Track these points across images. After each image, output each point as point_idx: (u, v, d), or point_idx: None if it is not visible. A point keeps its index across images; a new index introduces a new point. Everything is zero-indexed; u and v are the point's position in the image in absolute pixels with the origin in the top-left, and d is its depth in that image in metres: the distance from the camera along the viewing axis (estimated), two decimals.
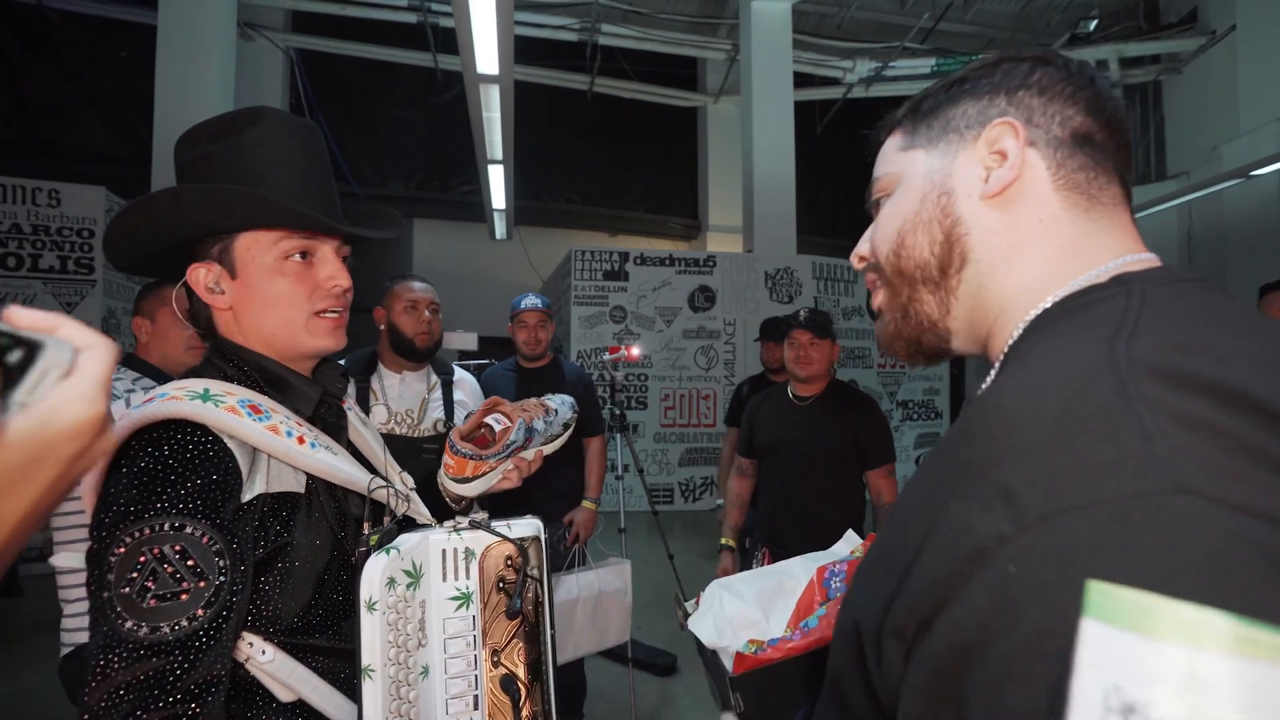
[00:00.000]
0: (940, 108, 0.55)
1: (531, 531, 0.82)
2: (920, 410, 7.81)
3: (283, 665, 0.70)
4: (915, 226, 0.54)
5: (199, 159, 0.75)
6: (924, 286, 0.54)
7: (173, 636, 0.60)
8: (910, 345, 0.56)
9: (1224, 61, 6.98)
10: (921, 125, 0.56)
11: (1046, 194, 0.50)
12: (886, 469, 2.28)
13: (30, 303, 4.50)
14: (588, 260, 6.46)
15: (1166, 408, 0.32)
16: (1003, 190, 0.50)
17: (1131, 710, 0.24)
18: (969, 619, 0.32)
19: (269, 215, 0.74)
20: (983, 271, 0.51)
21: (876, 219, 0.58)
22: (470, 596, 0.73)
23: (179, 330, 1.74)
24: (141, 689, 0.58)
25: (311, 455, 0.74)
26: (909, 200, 0.54)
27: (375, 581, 0.70)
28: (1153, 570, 0.28)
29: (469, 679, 0.72)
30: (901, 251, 0.54)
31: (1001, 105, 0.52)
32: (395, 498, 0.83)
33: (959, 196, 0.52)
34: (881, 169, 0.58)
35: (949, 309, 0.53)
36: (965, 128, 0.53)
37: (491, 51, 3.90)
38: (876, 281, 0.58)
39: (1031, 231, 0.50)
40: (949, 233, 0.52)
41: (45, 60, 6.64)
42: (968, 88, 0.54)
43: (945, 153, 0.53)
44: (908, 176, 0.55)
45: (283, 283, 0.77)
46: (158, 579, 0.60)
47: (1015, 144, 0.50)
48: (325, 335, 0.80)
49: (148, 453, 0.65)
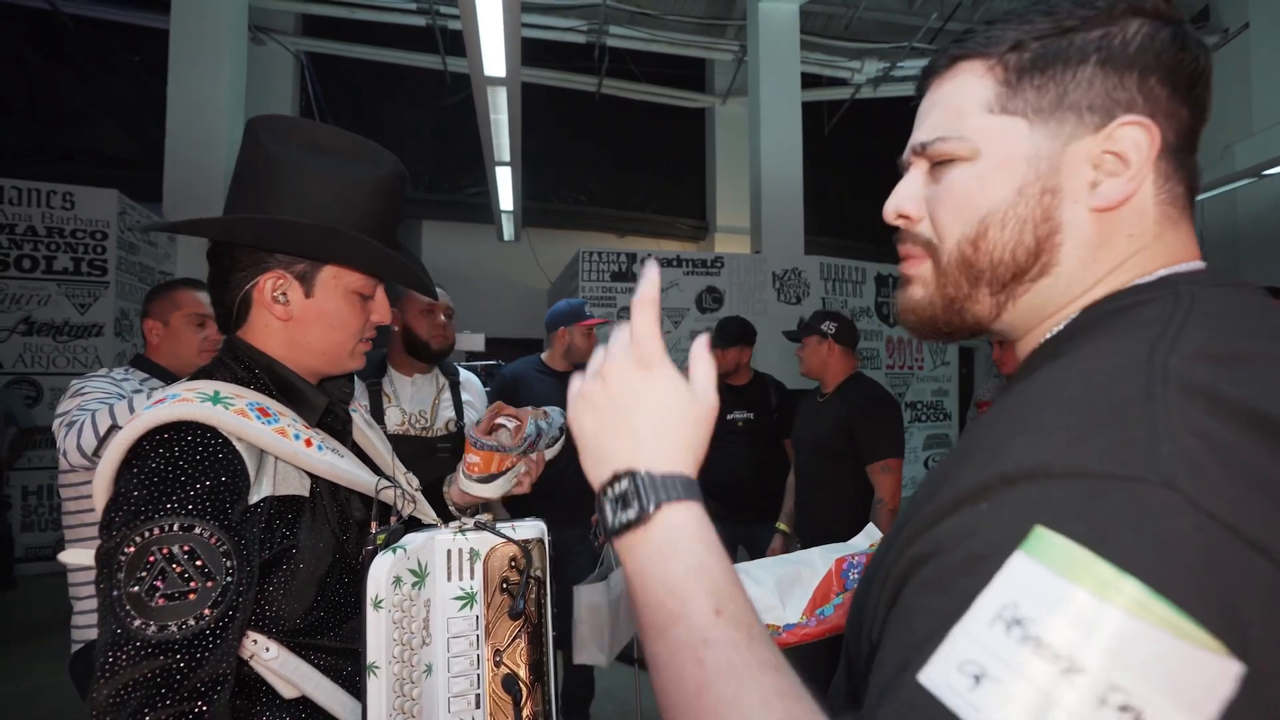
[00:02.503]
0: (1055, 65, 0.44)
1: (535, 533, 0.82)
2: (929, 411, 7.77)
3: (286, 662, 0.72)
4: (1005, 220, 0.45)
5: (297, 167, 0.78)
6: (986, 286, 0.47)
7: (180, 635, 0.61)
8: (934, 331, 0.51)
9: (1237, 60, 6.91)
10: (1027, 82, 0.45)
11: (1147, 208, 0.44)
12: (880, 465, 2.29)
13: (45, 304, 4.55)
14: (595, 261, 6.47)
15: (1185, 417, 0.33)
16: (1117, 205, 0.44)
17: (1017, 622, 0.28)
18: (930, 541, 0.35)
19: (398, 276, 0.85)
20: (1059, 284, 0.46)
21: (941, 183, 0.48)
22: (474, 596, 0.74)
23: (193, 334, 1.76)
24: (148, 686, 0.59)
25: (319, 457, 0.75)
26: (1003, 185, 0.45)
27: (382, 580, 0.71)
28: (1099, 535, 0.30)
29: (471, 678, 0.73)
30: (981, 243, 0.46)
31: (1132, 90, 0.43)
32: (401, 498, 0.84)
33: (1066, 198, 0.44)
34: (956, 124, 0.47)
35: (1001, 312, 0.48)
36: (1088, 109, 0.44)
37: (499, 54, 3.92)
38: (920, 255, 0.51)
39: (1118, 248, 0.45)
40: (1044, 239, 0.45)
41: (60, 65, 6.72)
42: (1096, 44, 0.44)
43: (1056, 135, 0.44)
44: (1002, 151, 0.46)
45: (349, 312, 0.84)
46: (166, 578, 0.62)
47: (1145, 152, 0.43)
48: (360, 359, 0.88)
49: (159, 454, 0.66)
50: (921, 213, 0.51)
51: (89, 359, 4.61)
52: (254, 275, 0.80)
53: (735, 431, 2.91)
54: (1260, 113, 6.59)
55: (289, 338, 0.82)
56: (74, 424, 1.45)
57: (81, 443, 1.44)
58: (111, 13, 6.66)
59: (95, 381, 1.58)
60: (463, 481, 0.96)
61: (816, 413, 2.50)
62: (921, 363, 7.72)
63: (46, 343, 4.58)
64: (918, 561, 0.36)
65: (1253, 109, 6.68)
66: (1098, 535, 0.30)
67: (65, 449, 1.45)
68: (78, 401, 1.51)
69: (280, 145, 0.78)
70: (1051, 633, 0.27)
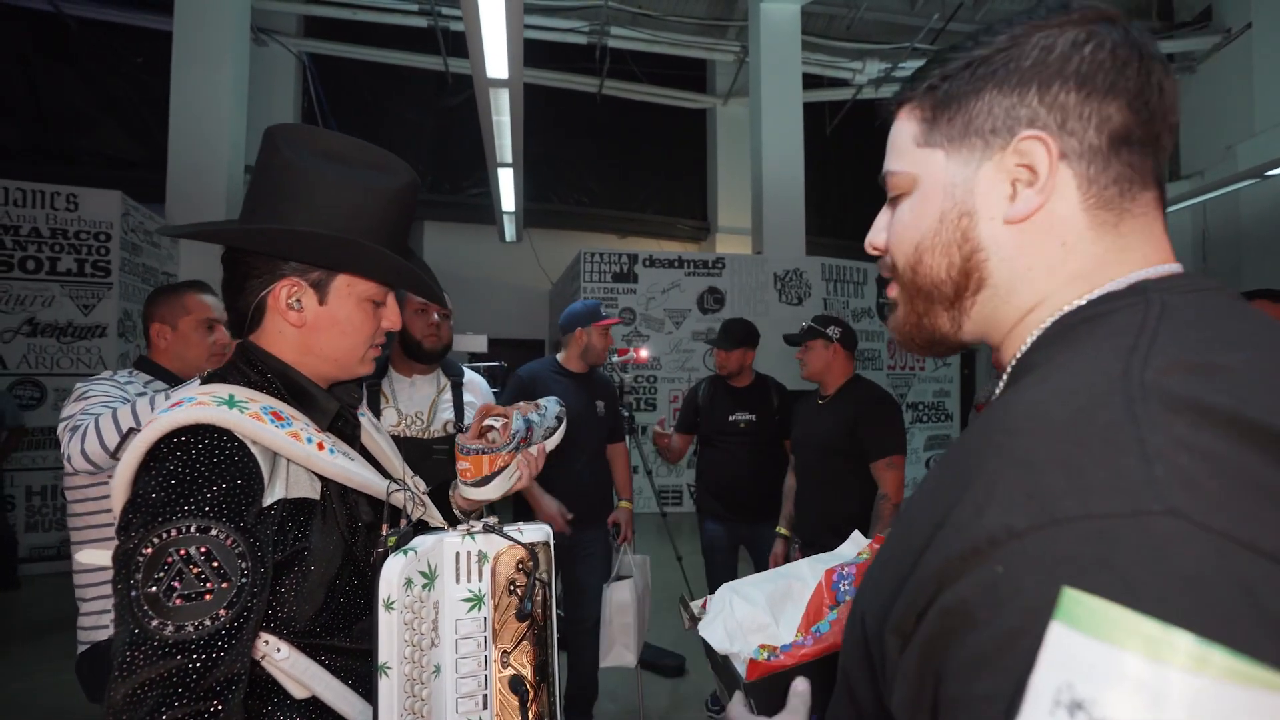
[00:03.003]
0: (962, 96, 0.48)
1: (541, 536, 0.83)
2: (930, 412, 7.77)
3: (297, 663, 0.73)
4: (933, 246, 0.50)
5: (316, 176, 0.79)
6: (939, 304, 0.51)
7: (196, 635, 0.62)
8: (922, 347, 0.56)
9: (1239, 60, 6.91)
10: (941, 117, 0.49)
11: (1073, 214, 0.45)
12: (885, 462, 2.33)
13: (48, 305, 4.57)
14: (597, 262, 6.48)
15: (1171, 432, 0.32)
16: (1027, 217, 0.46)
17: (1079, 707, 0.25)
18: (956, 606, 0.34)
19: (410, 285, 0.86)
20: (999, 295, 0.49)
21: (894, 215, 0.54)
22: (482, 598, 0.75)
23: (202, 338, 1.76)
24: (165, 685, 0.60)
25: (331, 460, 0.77)
26: (927, 215, 0.50)
27: (394, 581, 0.72)
28: (1126, 585, 0.29)
29: (479, 679, 0.73)
30: (919, 268, 0.51)
31: (1033, 105, 0.45)
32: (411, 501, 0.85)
33: (981, 219, 0.47)
34: (896, 162, 0.53)
35: (961, 326, 0.51)
36: (991, 132, 0.46)
37: (501, 55, 3.93)
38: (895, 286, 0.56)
39: (1053, 255, 0.46)
40: (968, 259, 0.48)
41: (63, 67, 6.75)
42: (995, 70, 0.46)
43: (968, 161, 0.48)
44: (926, 182, 0.50)
45: (361, 319, 0.85)
46: (183, 579, 0.63)
47: (1045, 164, 0.45)
48: (370, 364, 0.90)
49: (176, 457, 0.68)
50: (887, 242, 0.56)
51: (93, 360, 4.63)
52: (269, 282, 0.81)
53: (737, 433, 2.93)
54: (1262, 113, 6.58)
55: (302, 343, 0.83)
56: (77, 429, 1.46)
57: (86, 447, 1.44)
58: (115, 14, 6.68)
59: (99, 385, 1.58)
60: (461, 488, 0.97)
61: (818, 414, 2.52)
62: (923, 364, 7.72)
63: (50, 344, 4.59)
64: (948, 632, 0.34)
65: (1255, 109, 6.67)
66: (1126, 586, 0.29)
67: (69, 454, 1.45)
68: (81, 406, 1.51)
69: (297, 154, 0.79)
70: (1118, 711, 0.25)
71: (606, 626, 2.49)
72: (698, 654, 3.58)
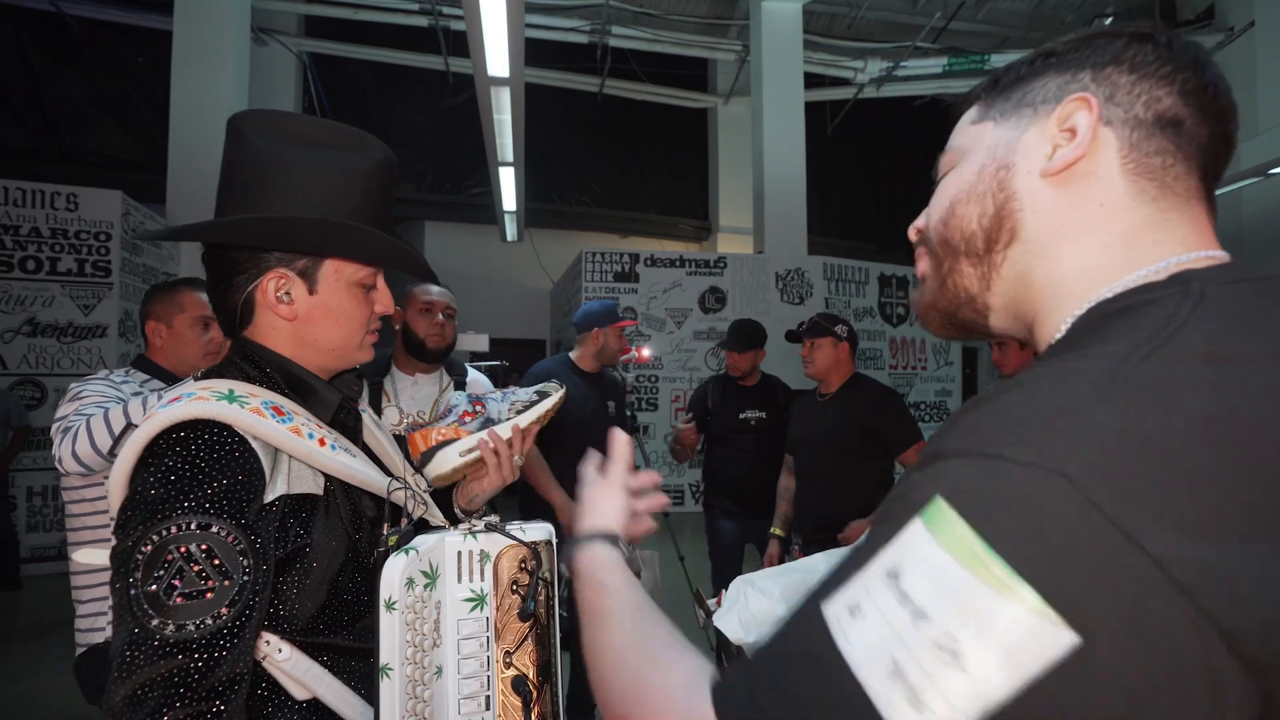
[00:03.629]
0: (1021, 80, 0.52)
1: (544, 535, 0.82)
2: (932, 412, 7.76)
3: (299, 664, 0.71)
4: (969, 197, 0.52)
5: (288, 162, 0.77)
6: (966, 259, 0.52)
7: (197, 634, 0.61)
8: (944, 317, 0.55)
9: (1242, 59, 6.89)
10: (998, 98, 0.53)
11: (1113, 176, 0.46)
12: (914, 449, 2.35)
13: (49, 305, 4.57)
14: (598, 262, 6.47)
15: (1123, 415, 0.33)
16: (1065, 168, 0.47)
17: (895, 576, 0.36)
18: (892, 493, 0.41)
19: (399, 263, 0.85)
20: (1031, 251, 0.49)
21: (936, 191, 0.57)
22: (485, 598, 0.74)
23: (198, 336, 1.74)
24: (166, 685, 0.59)
25: (332, 457, 0.75)
26: (968, 171, 0.53)
27: (395, 581, 0.70)
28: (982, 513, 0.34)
29: (481, 679, 0.72)
30: (950, 220, 0.53)
31: (1084, 80, 0.48)
32: (412, 500, 0.83)
33: (1018, 171, 0.49)
34: (951, 142, 0.57)
35: (989, 284, 0.51)
36: (1041, 102, 0.50)
37: (502, 54, 3.92)
38: (923, 251, 0.57)
39: (1090, 215, 0.47)
40: (1001, 207, 0.50)
41: (65, 67, 6.75)
42: (1053, 61, 0.50)
43: (1015, 126, 0.50)
44: (972, 149, 0.53)
45: (353, 304, 0.83)
46: (184, 577, 0.61)
47: (1088, 120, 0.46)
48: (369, 350, 0.88)
49: (175, 452, 0.66)
50: (924, 221, 0.58)
51: (93, 360, 4.62)
52: (255, 277, 0.78)
53: (747, 430, 2.96)
54: (1265, 112, 6.57)
55: (296, 336, 0.81)
56: (68, 431, 1.44)
57: (77, 449, 1.42)
58: (116, 14, 6.69)
59: (93, 385, 1.56)
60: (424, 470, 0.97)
61: (821, 412, 2.52)
62: (925, 363, 7.71)
63: (51, 344, 4.59)
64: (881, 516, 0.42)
65: (1257, 108, 6.66)
66: (982, 514, 0.34)
67: (60, 456, 1.43)
68: (74, 406, 1.50)
69: (266, 140, 0.77)
70: (915, 587, 0.34)
71: None
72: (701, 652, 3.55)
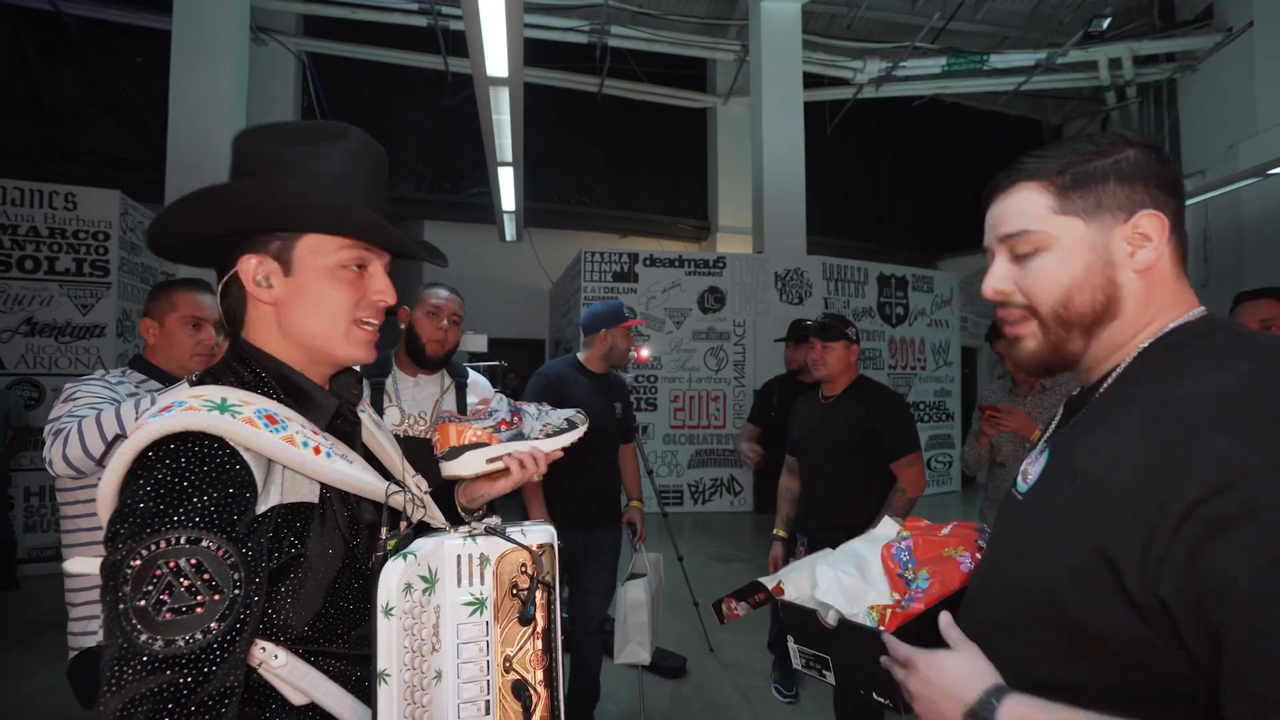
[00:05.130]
0: (1089, 182, 0.68)
1: (545, 538, 0.81)
2: (932, 411, 7.77)
3: (295, 669, 0.71)
4: (1084, 288, 0.68)
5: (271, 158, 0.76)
6: (1078, 331, 0.70)
7: (187, 649, 0.60)
8: (1046, 368, 0.73)
9: (1241, 59, 6.90)
10: (1074, 194, 0.68)
11: (1168, 269, 0.68)
12: (906, 459, 2.34)
13: (47, 305, 4.56)
14: (597, 262, 6.47)
15: None
16: (1151, 267, 0.68)
17: None
18: (1218, 516, 0.52)
19: (357, 227, 0.77)
20: (1124, 321, 0.69)
21: (1028, 267, 0.71)
22: (485, 602, 0.73)
23: (186, 336, 1.73)
24: (155, 701, 0.58)
25: (328, 465, 0.73)
26: (1075, 265, 0.68)
27: (393, 587, 0.70)
28: None
29: (481, 684, 0.71)
30: (1071, 305, 0.69)
31: (1141, 194, 0.67)
32: (412, 503, 0.82)
33: (1120, 269, 0.68)
34: (1032, 224, 0.70)
35: (1089, 345, 0.70)
36: (1117, 209, 0.67)
37: (501, 54, 3.92)
38: (1023, 318, 0.72)
39: (1158, 294, 0.68)
40: (1110, 297, 0.68)
41: (63, 66, 6.73)
42: (1112, 166, 0.68)
43: (1102, 228, 0.68)
44: (1068, 241, 0.69)
45: (335, 288, 0.78)
46: (173, 592, 0.61)
47: (1160, 231, 0.67)
48: (360, 345, 0.82)
49: (165, 465, 0.65)
50: (1013, 289, 0.73)
51: (91, 360, 4.61)
52: (231, 264, 0.77)
53: None
54: (1264, 112, 6.58)
55: (280, 324, 0.79)
56: (59, 433, 1.42)
57: (67, 452, 1.40)
58: (114, 14, 6.68)
59: (87, 385, 1.54)
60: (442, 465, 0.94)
61: (825, 415, 2.50)
62: (924, 363, 7.72)
63: (49, 343, 4.58)
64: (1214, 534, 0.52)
65: (1257, 108, 6.66)
66: None
67: (50, 458, 1.41)
68: (68, 408, 1.48)
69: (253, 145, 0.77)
70: None
71: (621, 624, 2.50)
72: (699, 654, 3.58)
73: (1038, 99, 9.71)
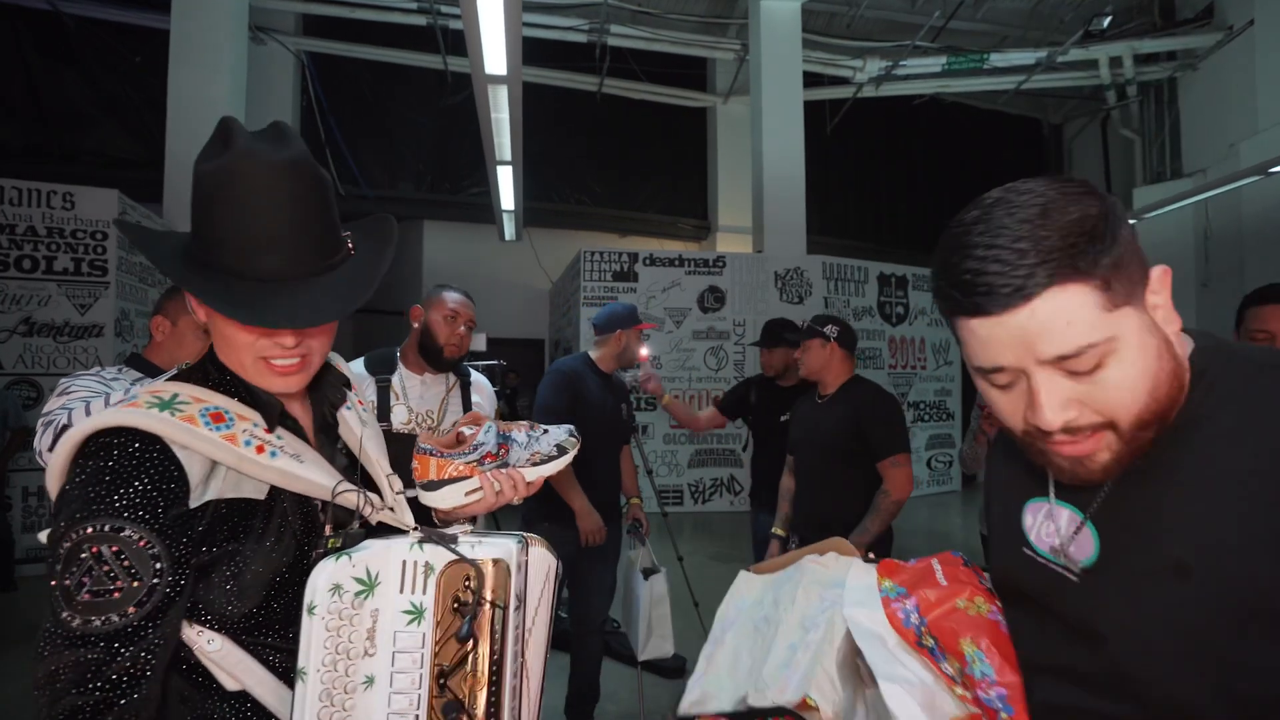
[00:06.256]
0: (1119, 268, 0.58)
1: (498, 553, 0.76)
2: (932, 411, 7.74)
3: (229, 656, 0.74)
4: (1162, 379, 0.60)
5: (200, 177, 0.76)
6: (1158, 421, 0.60)
7: (102, 630, 0.65)
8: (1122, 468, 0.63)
9: (1242, 58, 6.86)
10: (1116, 283, 0.58)
11: None
12: (890, 460, 2.33)
13: (45, 304, 4.56)
14: (597, 261, 6.46)
15: None
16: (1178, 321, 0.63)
17: None
18: None
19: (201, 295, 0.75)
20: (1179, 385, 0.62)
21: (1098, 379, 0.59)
22: (423, 613, 0.72)
23: (195, 340, 1.72)
24: (72, 674, 0.64)
25: (267, 463, 0.75)
26: (1147, 360, 0.59)
27: (318, 586, 0.71)
28: None
29: (412, 697, 0.71)
30: (1155, 400, 0.59)
31: (1140, 256, 0.60)
32: (370, 504, 0.82)
33: (1174, 339, 0.62)
34: (1091, 335, 0.58)
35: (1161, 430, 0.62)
36: (1140, 279, 0.60)
37: (500, 53, 3.91)
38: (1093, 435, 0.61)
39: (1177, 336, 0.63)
40: (1180, 367, 0.62)
41: (62, 66, 6.74)
42: (1121, 235, 0.58)
43: (1139, 303, 0.59)
44: (1127, 336, 0.58)
45: (233, 327, 0.76)
46: (93, 576, 0.65)
47: (1169, 283, 0.61)
48: (272, 378, 0.79)
49: (99, 456, 0.69)
50: (1081, 410, 0.60)
51: (89, 360, 4.62)
52: None
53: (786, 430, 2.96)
54: (1265, 110, 6.54)
55: None
56: (50, 424, 1.42)
57: None
58: (113, 13, 6.68)
59: (82, 380, 1.55)
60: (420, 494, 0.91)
61: (819, 415, 2.51)
62: (924, 362, 7.69)
63: (47, 343, 4.58)
64: None
65: (1258, 107, 6.63)
66: None
67: (39, 449, 1.42)
68: (61, 401, 1.48)
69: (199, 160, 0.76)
70: None
71: (644, 620, 2.54)
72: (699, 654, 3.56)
73: (1038, 98, 9.68)
